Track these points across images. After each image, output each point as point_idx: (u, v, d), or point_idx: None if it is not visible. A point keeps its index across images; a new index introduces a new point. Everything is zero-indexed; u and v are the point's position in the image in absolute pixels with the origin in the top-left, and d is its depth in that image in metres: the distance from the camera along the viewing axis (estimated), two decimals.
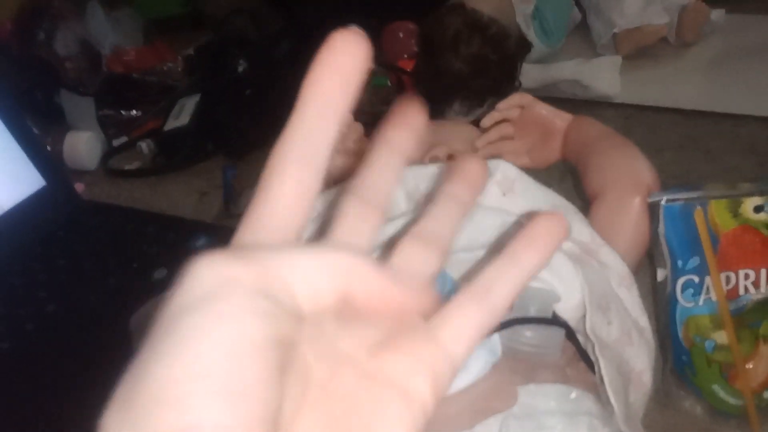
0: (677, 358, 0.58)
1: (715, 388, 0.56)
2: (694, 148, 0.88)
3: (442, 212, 0.21)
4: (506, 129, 0.68)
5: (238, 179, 0.94)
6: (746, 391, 0.55)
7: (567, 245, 0.53)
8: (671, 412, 0.60)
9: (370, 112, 0.79)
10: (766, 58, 1.03)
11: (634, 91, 0.97)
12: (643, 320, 0.54)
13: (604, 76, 0.96)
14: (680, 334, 0.56)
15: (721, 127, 0.92)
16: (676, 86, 0.99)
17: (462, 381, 0.45)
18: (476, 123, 0.71)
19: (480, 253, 0.52)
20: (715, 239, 0.52)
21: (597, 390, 0.49)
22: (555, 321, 0.50)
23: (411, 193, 0.55)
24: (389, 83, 1.08)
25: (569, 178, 0.69)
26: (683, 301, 0.54)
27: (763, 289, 0.52)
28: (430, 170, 0.55)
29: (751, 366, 0.54)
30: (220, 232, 0.86)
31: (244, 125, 1.04)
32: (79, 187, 0.98)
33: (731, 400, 0.56)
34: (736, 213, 0.51)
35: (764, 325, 0.54)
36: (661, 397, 0.59)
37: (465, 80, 0.91)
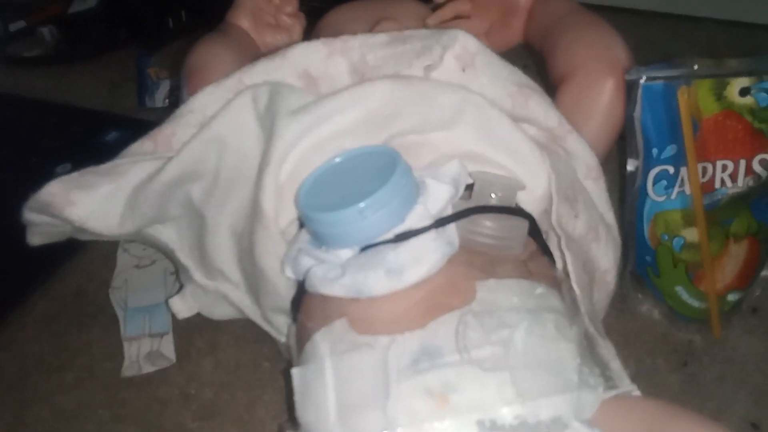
0: (640, 259, 0.53)
1: (679, 289, 0.52)
2: (652, 50, 0.83)
3: None
4: (462, 6, 0.60)
5: (155, 69, 0.83)
6: (711, 293, 0.51)
7: (532, 131, 0.47)
8: (628, 317, 0.56)
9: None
10: None
11: None
12: (610, 216, 0.49)
13: None
14: (646, 232, 0.51)
15: (680, 30, 0.88)
16: None
17: (413, 275, 0.39)
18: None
19: (435, 135, 0.45)
20: (695, 125, 0.46)
21: (560, 287, 0.44)
22: (518, 211, 0.44)
23: (356, 65, 0.47)
24: None
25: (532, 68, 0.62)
26: (654, 194, 0.49)
27: (739, 182, 0.48)
28: (378, 39, 0.47)
29: (719, 265, 0.50)
30: (134, 125, 0.76)
31: (162, 12, 0.92)
32: None
33: (694, 303, 0.53)
34: (720, 96, 0.46)
35: (735, 223, 0.50)
36: (617, 301, 0.55)
37: None
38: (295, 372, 0.39)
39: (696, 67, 0.45)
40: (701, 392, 0.51)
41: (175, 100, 0.79)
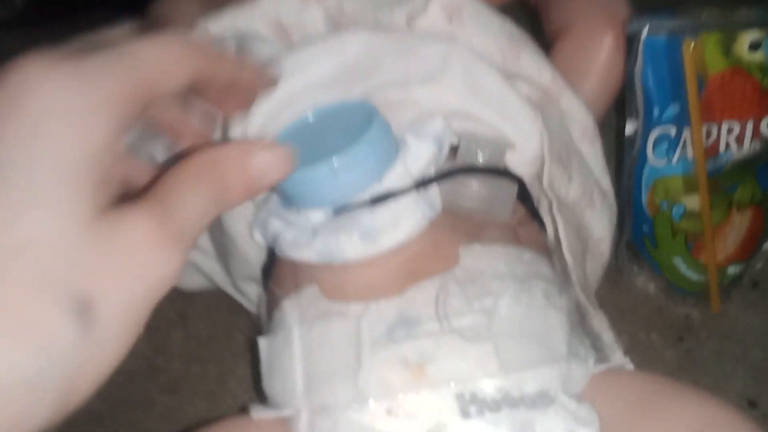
0: (636, 229, 0.50)
1: (677, 261, 0.49)
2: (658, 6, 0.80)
3: None
4: None
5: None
6: (711, 265, 0.48)
7: (524, 88, 0.44)
8: (622, 290, 0.54)
9: None
10: None
11: None
12: (606, 182, 0.46)
13: None
14: (644, 200, 0.48)
15: None
16: None
17: (390, 239, 0.36)
18: None
19: (417, 90, 0.42)
20: (700, 83, 0.43)
21: (551, 255, 0.41)
22: (507, 173, 0.41)
23: (332, 13, 0.43)
24: None
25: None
26: (654, 159, 0.46)
27: (746, 146, 0.45)
28: None
29: (721, 236, 0.47)
30: None
31: None
32: None
33: (692, 276, 0.50)
34: (728, 51, 0.42)
35: (739, 190, 0.47)
36: (611, 273, 0.52)
37: None
38: (261, 341, 0.37)
39: (703, 17, 0.42)
40: (697, 368, 0.49)
41: None
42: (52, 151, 0.15)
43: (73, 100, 0.16)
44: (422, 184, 0.38)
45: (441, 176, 0.39)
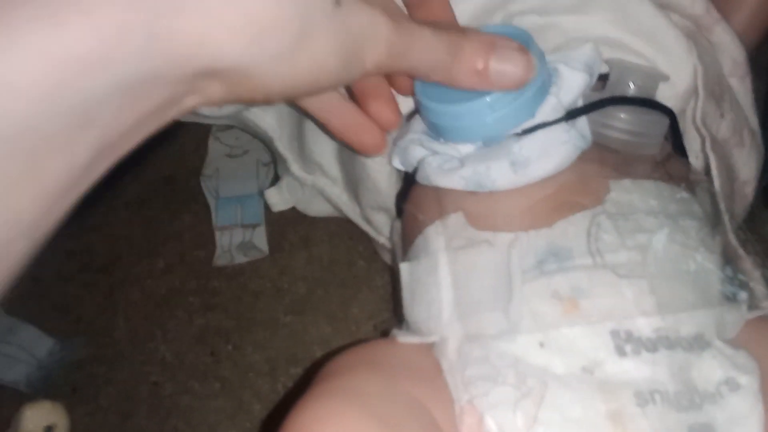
0: None
1: None
2: None
3: None
4: None
5: None
6: None
7: (675, 18, 0.41)
8: (754, 238, 0.51)
9: None
10: None
11: None
12: (754, 121, 0.44)
13: None
14: None
15: None
16: None
17: (541, 169, 0.35)
18: None
19: (562, 18, 0.40)
20: None
21: (698, 195, 0.39)
22: (659, 106, 0.39)
23: None
24: None
25: None
26: None
27: None
28: None
29: None
30: None
31: None
32: None
33: None
34: None
35: None
36: (742, 219, 0.49)
37: None
38: (404, 267, 0.37)
39: None
40: None
41: None
42: None
43: None
44: (573, 114, 0.37)
45: (593, 106, 0.37)
